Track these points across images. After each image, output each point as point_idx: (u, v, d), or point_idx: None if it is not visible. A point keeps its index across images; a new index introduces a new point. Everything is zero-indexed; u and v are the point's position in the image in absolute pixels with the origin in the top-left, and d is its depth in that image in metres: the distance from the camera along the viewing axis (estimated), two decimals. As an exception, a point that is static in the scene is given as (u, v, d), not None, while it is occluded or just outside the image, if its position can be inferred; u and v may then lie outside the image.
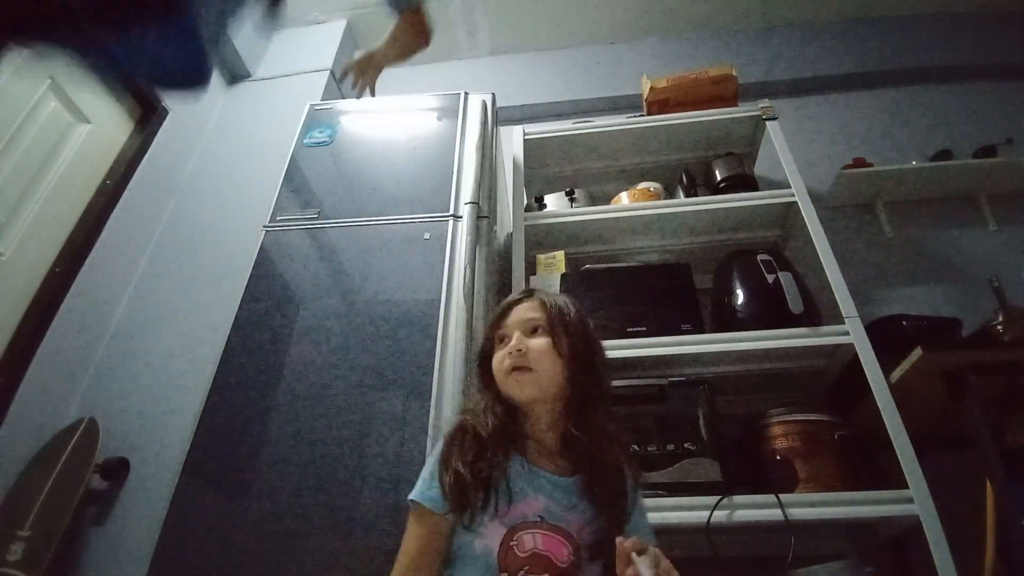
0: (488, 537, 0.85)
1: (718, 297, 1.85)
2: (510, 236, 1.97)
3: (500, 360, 0.95)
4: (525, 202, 2.10)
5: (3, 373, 1.77)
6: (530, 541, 0.84)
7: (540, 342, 0.94)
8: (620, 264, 2.03)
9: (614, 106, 2.76)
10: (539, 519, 0.86)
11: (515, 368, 0.92)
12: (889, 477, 1.39)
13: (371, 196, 1.79)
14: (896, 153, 2.43)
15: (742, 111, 2.15)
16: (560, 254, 1.96)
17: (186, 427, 1.43)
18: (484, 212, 1.73)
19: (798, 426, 1.52)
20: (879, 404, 1.42)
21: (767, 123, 2.07)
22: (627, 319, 1.70)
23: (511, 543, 0.84)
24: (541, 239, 2.06)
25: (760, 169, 2.24)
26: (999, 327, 1.58)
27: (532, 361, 0.92)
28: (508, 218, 2.13)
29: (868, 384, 1.45)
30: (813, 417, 1.53)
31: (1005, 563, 1.33)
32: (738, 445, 1.61)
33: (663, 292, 1.80)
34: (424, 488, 0.91)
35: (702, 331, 1.68)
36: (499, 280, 1.82)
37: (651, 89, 2.27)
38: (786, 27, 3.02)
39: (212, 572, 1.24)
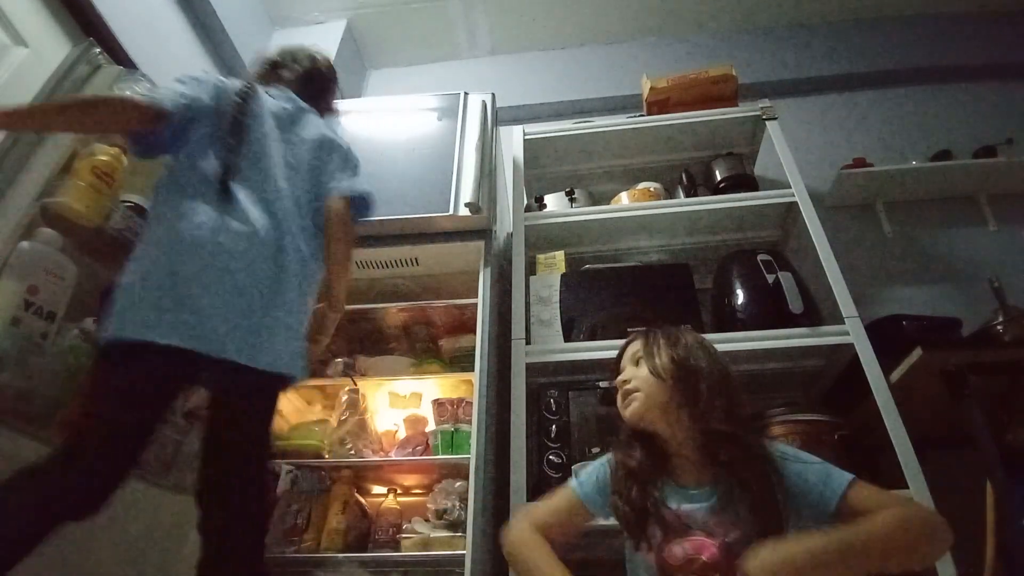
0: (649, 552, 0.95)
1: (718, 297, 1.85)
2: (510, 236, 1.97)
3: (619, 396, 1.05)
4: (525, 202, 2.10)
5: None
6: (679, 551, 0.91)
7: (641, 369, 1.03)
8: (620, 264, 2.03)
9: (614, 106, 2.75)
10: (685, 527, 0.93)
11: (624, 396, 1.03)
12: (889, 477, 1.39)
13: (371, 196, 1.79)
14: (896, 153, 2.43)
15: (742, 111, 2.15)
16: (560, 254, 1.96)
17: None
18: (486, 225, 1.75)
19: (798, 426, 1.51)
20: (879, 404, 1.42)
21: (767, 123, 2.07)
22: (627, 319, 1.70)
23: (663, 555, 0.93)
24: (541, 239, 2.06)
25: (760, 169, 2.24)
26: (999, 327, 1.58)
27: (635, 386, 1.02)
28: (508, 218, 2.13)
29: (868, 384, 1.46)
30: (813, 417, 1.52)
31: (1005, 563, 1.33)
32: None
33: (663, 292, 1.80)
34: (586, 483, 1.04)
35: (702, 331, 1.66)
36: (499, 281, 1.82)
37: (651, 89, 2.27)
38: (786, 27, 3.02)
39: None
